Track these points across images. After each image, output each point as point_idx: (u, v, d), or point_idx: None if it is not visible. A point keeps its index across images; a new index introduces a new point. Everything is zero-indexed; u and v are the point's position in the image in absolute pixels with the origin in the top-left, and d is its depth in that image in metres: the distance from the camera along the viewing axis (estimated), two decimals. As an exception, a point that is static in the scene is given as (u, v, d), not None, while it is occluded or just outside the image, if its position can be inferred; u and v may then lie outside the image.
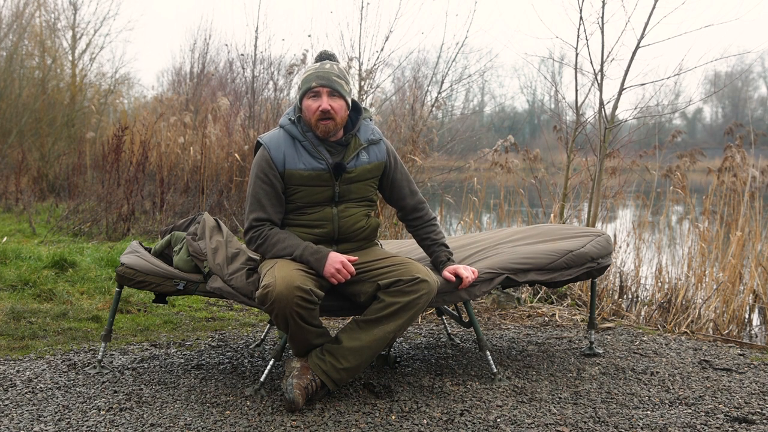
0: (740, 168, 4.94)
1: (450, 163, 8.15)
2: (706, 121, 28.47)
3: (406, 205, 2.83)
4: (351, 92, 2.67)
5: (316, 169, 2.60)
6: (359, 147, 2.66)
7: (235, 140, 8.97)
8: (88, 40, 13.60)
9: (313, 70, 2.61)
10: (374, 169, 2.71)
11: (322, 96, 2.56)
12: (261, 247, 2.61)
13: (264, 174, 2.60)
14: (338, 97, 2.59)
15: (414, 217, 2.85)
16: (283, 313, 2.37)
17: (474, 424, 2.35)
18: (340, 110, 2.59)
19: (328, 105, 2.55)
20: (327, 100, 2.56)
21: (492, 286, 2.85)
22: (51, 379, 2.78)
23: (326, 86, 2.57)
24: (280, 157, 2.60)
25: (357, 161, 2.66)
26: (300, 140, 2.62)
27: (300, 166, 2.59)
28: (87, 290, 4.38)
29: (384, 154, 2.74)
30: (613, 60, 4.93)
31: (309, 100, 2.59)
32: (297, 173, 2.59)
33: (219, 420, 2.35)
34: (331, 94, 2.57)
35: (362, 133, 2.69)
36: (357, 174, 2.65)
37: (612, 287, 4.83)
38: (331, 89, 2.57)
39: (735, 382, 2.93)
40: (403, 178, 2.81)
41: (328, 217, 2.63)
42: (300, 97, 2.63)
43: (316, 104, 2.56)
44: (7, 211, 8.81)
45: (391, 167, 2.77)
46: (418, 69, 9.01)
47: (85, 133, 11.96)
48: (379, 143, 2.74)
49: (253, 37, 8.93)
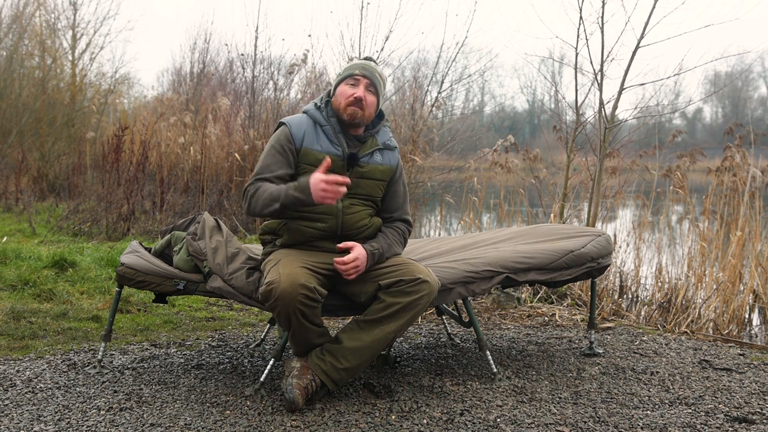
0: (740, 168, 4.94)
1: (450, 163, 8.16)
2: (706, 121, 28.48)
3: (392, 216, 2.81)
4: (384, 97, 2.76)
5: (331, 153, 2.62)
6: (375, 146, 2.72)
7: (235, 140, 8.97)
8: (88, 40, 13.62)
9: (359, 62, 2.71)
10: (385, 171, 2.74)
11: (360, 85, 2.64)
12: (252, 198, 2.56)
13: (280, 145, 2.64)
14: (373, 93, 2.68)
15: (391, 222, 2.81)
16: (286, 310, 2.36)
17: (474, 424, 2.35)
18: (371, 105, 2.67)
19: (363, 94, 2.62)
20: (363, 90, 2.64)
21: (492, 284, 2.85)
22: (51, 379, 2.78)
23: (368, 78, 2.66)
24: (300, 135, 2.64)
25: (371, 159, 2.70)
26: (322, 125, 2.67)
27: (317, 147, 2.63)
28: (87, 290, 4.38)
29: (396, 162, 2.79)
30: (613, 60, 4.94)
31: (346, 86, 2.66)
32: (312, 153, 2.62)
33: (219, 420, 2.35)
34: (368, 87, 2.66)
35: (380, 136, 2.76)
36: (369, 170, 2.68)
37: (612, 287, 4.83)
38: (371, 82, 2.66)
39: (735, 382, 2.93)
40: (403, 192, 2.83)
41: (333, 211, 2.62)
42: (338, 82, 2.70)
43: (352, 90, 2.64)
44: (7, 211, 8.81)
45: (396, 177, 2.80)
46: (418, 69, 9.03)
47: (85, 133, 11.96)
48: (394, 151, 2.81)
49: (253, 37, 8.94)
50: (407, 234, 2.82)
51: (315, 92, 8.57)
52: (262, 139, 8.17)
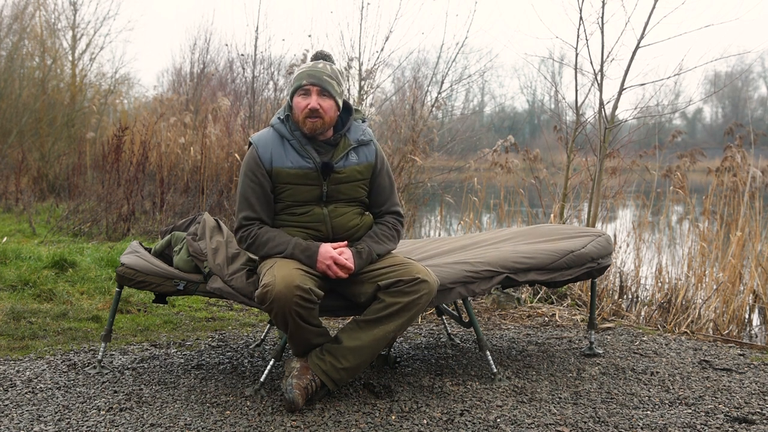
0: (740, 168, 4.94)
1: (450, 163, 8.16)
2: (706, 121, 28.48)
3: (381, 210, 2.77)
4: (343, 93, 2.67)
5: (303, 168, 2.60)
6: (348, 147, 2.66)
7: (235, 140, 8.97)
8: (88, 40, 13.61)
9: (306, 68, 2.62)
10: (364, 170, 2.69)
11: (311, 94, 2.58)
12: (252, 247, 2.62)
13: (252, 173, 2.62)
14: (328, 97, 2.59)
15: (380, 216, 2.79)
16: (282, 312, 2.37)
17: (474, 424, 2.35)
18: (329, 110, 2.59)
19: (317, 104, 2.56)
20: (316, 99, 2.57)
21: (492, 285, 2.85)
22: (51, 379, 2.78)
23: (316, 85, 2.58)
24: (267, 156, 2.61)
25: (346, 161, 2.65)
26: (288, 138, 2.63)
27: (287, 164, 2.60)
28: (87, 290, 4.38)
29: (373, 156, 2.72)
30: (613, 60, 4.94)
31: (299, 97, 2.60)
32: (284, 171, 2.60)
33: (219, 420, 2.35)
34: (321, 93, 2.58)
35: (352, 134, 2.69)
36: (347, 174, 2.64)
37: (612, 287, 4.83)
38: (321, 88, 2.58)
39: (735, 382, 2.93)
40: (388, 183, 2.76)
41: (320, 218, 2.62)
42: (291, 94, 2.64)
43: (305, 102, 2.58)
44: (7, 211, 8.81)
45: (377, 171, 2.73)
46: (418, 69, 9.02)
47: (85, 133, 11.96)
48: (369, 144, 2.73)
49: (253, 37, 8.93)
50: (399, 226, 2.76)
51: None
52: (262, 140, 8.14)
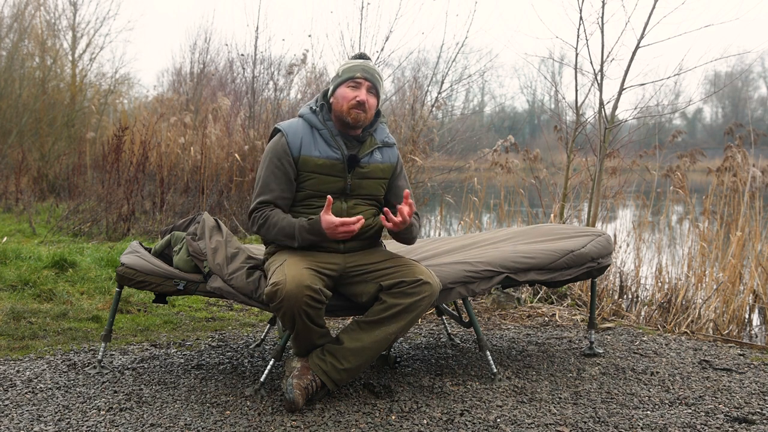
0: (740, 168, 4.95)
1: (450, 163, 8.16)
2: (706, 121, 28.49)
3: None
4: (382, 97, 2.77)
5: (330, 158, 2.62)
6: (374, 145, 2.71)
7: (235, 140, 8.97)
8: (88, 40, 13.62)
9: (359, 63, 2.67)
10: (386, 169, 2.74)
11: (361, 88, 2.63)
12: (262, 228, 2.63)
13: (278, 159, 2.63)
14: (374, 95, 2.67)
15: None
16: (291, 311, 2.36)
17: (474, 424, 2.35)
18: (372, 107, 2.66)
19: (366, 98, 2.61)
20: (365, 93, 2.62)
21: (492, 284, 2.85)
22: (51, 379, 2.78)
23: (369, 80, 2.64)
24: (297, 143, 2.63)
25: (371, 158, 2.70)
26: (318, 129, 2.66)
27: (315, 153, 2.62)
28: (87, 290, 4.38)
29: (395, 158, 2.80)
30: (613, 60, 4.94)
31: (347, 88, 2.63)
32: (311, 160, 2.62)
33: (219, 420, 2.35)
34: (370, 90, 2.65)
35: (378, 134, 2.75)
36: (370, 170, 2.68)
37: (612, 287, 4.83)
38: (372, 85, 2.65)
39: (735, 382, 2.93)
40: (404, 187, 2.83)
41: (338, 212, 2.63)
42: (337, 84, 2.66)
43: (354, 93, 2.61)
44: (7, 211, 8.81)
45: (397, 173, 2.81)
46: (418, 69, 9.04)
47: (85, 133, 11.96)
48: (393, 147, 2.81)
49: (253, 37, 8.95)
50: (418, 223, 2.80)
51: (315, 92, 8.58)
52: (262, 140, 8.16)
